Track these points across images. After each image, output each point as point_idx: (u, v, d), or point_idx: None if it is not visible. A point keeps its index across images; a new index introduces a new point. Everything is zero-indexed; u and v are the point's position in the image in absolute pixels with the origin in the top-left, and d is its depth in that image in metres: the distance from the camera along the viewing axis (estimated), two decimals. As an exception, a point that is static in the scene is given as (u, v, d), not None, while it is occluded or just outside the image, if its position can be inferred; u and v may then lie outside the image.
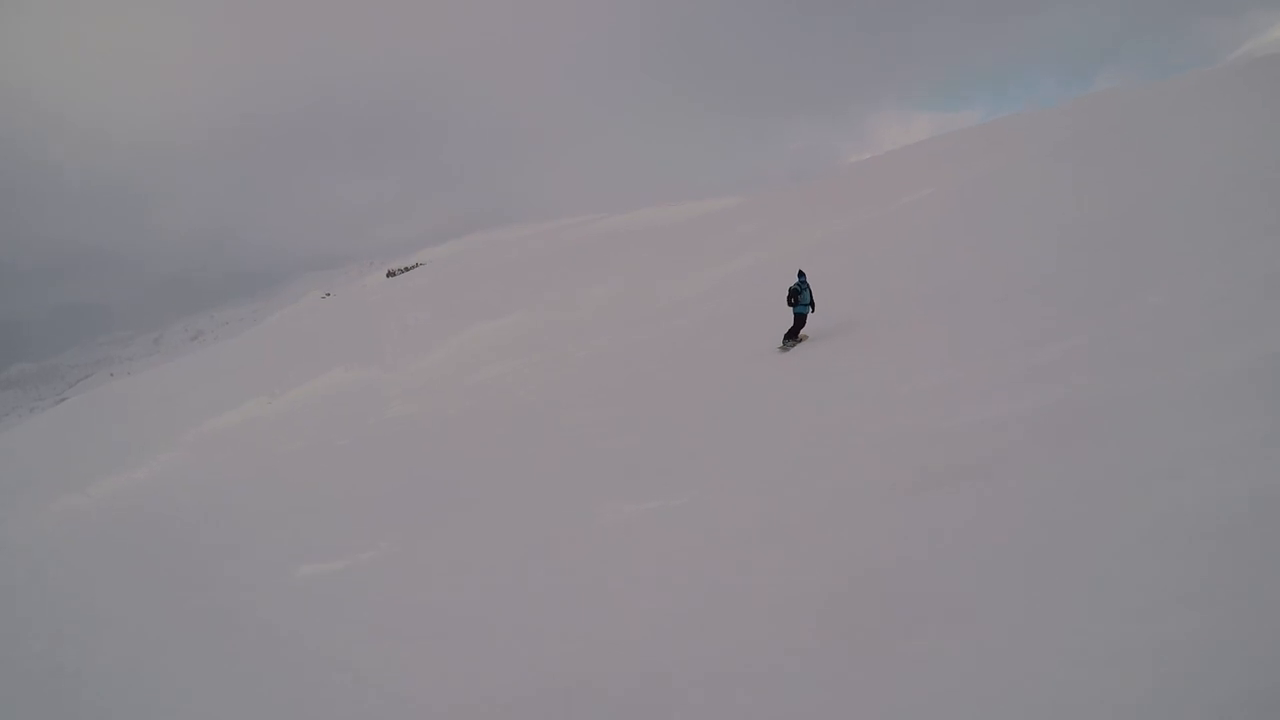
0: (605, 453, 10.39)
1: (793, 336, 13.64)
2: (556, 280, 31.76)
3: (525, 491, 9.72)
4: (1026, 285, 10.75)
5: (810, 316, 13.83)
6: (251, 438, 20.91)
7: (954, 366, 8.46)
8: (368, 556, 8.74)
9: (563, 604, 5.96)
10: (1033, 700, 3.07)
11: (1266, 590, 3.04)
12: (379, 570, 8.28)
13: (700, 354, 15.49)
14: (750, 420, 9.82)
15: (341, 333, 36.52)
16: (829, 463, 7.04)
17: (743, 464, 7.98)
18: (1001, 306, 10.41)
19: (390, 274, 53.69)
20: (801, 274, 13.96)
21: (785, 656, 4.15)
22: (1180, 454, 4.48)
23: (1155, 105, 23.55)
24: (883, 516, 5.42)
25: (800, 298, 13.62)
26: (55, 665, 8.27)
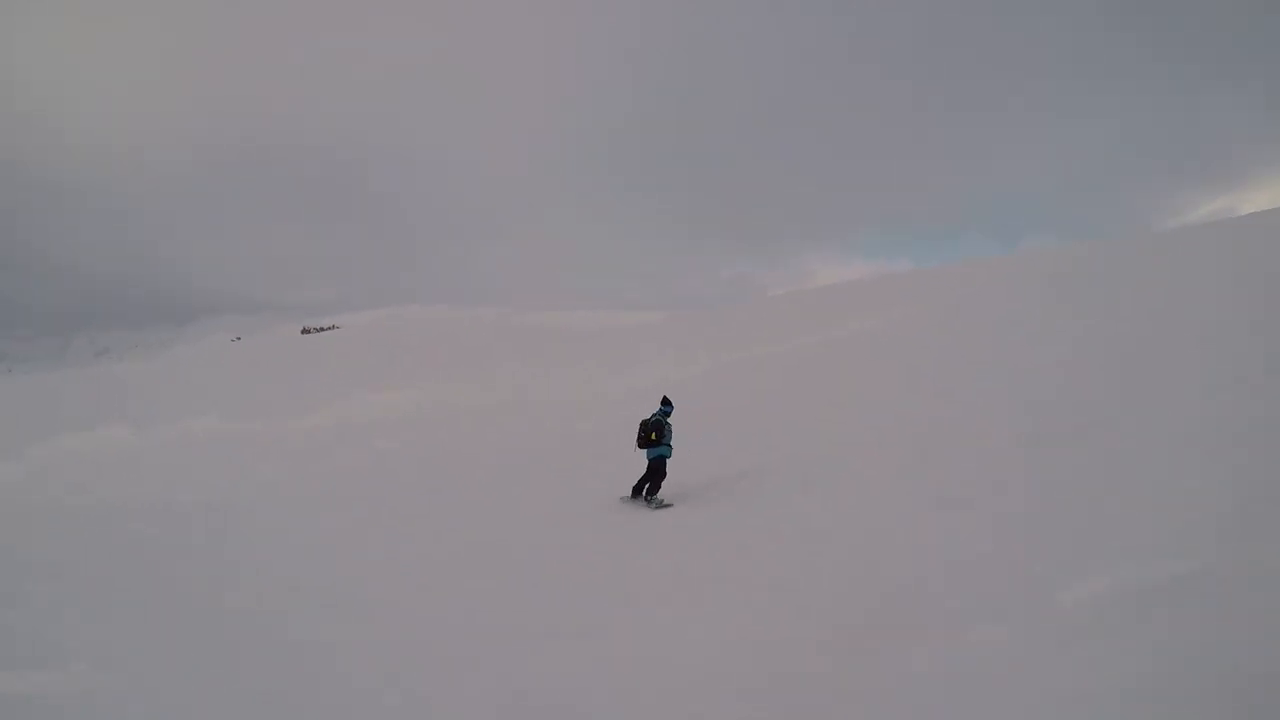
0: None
1: (654, 491, 10.29)
2: (461, 366, 31.68)
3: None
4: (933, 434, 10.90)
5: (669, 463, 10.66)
6: (91, 468, 19.48)
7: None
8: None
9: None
10: None
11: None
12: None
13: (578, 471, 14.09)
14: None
15: (236, 378, 35.42)
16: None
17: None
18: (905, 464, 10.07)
19: (305, 330, 52.64)
20: (666, 403, 10.97)
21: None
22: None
23: (1104, 258, 25.85)
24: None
25: (662, 435, 10.44)
26: None
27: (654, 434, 10.48)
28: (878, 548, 6.95)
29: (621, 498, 10.82)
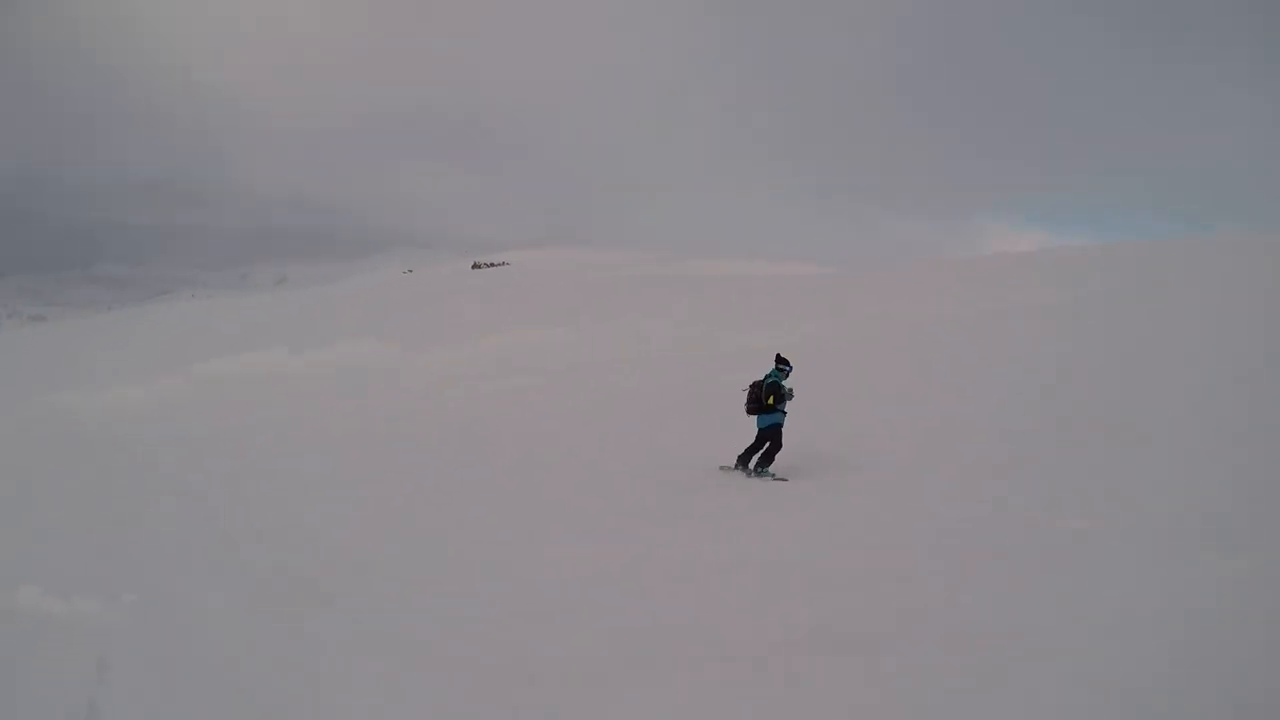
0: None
1: (767, 460, 9.09)
2: (620, 308, 31.58)
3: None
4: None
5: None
6: (238, 387, 20.95)
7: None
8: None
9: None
10: None
11: None
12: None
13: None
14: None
15: (400, 308, 37.39)
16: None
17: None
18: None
19: (475, 265, 54.84)
20: (782, 362, 9.44)
21: None
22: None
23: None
24: None
25: (781, 399, 9.11)
26: None
27: (771, 397, 9.03)
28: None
29: (722, 467, 9.46)
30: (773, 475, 9.13)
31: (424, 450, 12.58)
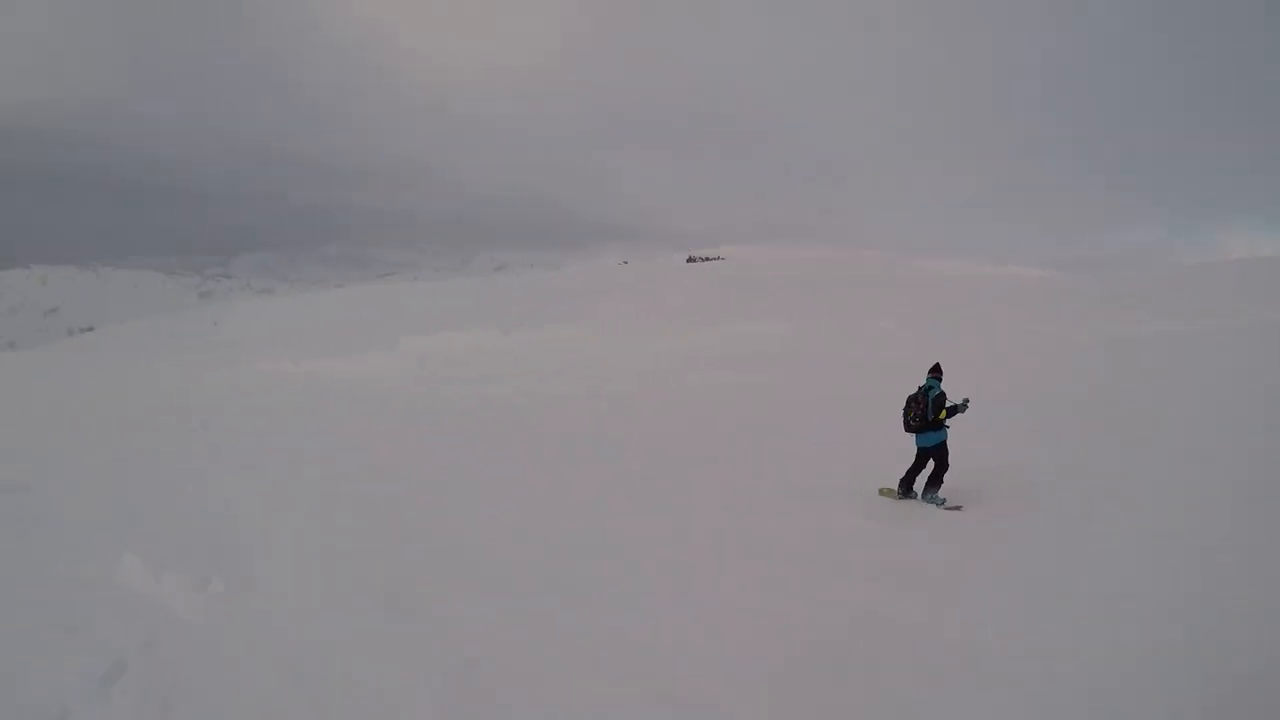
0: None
1: (935, 484, 7.83)
2: (836, 307, 30.66)
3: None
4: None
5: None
6: (441, 364, 22.15)
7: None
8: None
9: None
10: None
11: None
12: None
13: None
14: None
15: (617, 297, 38.28)
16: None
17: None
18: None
19: (690, 259, 55.56)
20: (936, 373, 8.13)
21: None
22: None
23: None
24: None
25: (953, 412, 7.89)
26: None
27: (942, 412, 7.79)
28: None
29: (882, 490, 8.23)
30: (943, 502, 7.85)
31: (637, 441, 11.59)
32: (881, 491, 8.23)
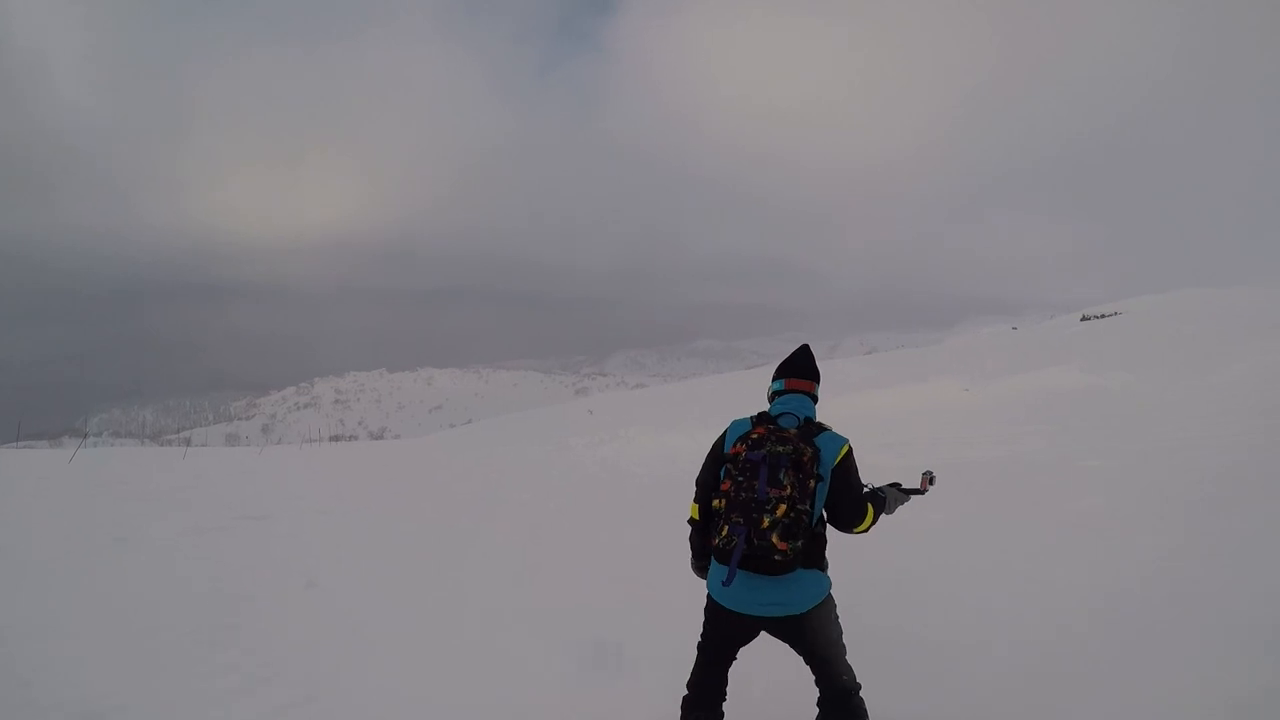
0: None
1: None
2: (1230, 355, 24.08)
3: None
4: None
5: None
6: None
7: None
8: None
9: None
10: None
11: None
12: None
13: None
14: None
15: (988, 360, 35.82)
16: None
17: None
18: None
19: (1084, 318, 49.87)
20: None
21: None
22: None
23: None
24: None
25: None
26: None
27: None
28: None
29: None
30: None
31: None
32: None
